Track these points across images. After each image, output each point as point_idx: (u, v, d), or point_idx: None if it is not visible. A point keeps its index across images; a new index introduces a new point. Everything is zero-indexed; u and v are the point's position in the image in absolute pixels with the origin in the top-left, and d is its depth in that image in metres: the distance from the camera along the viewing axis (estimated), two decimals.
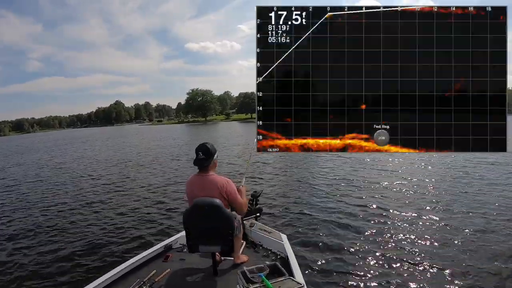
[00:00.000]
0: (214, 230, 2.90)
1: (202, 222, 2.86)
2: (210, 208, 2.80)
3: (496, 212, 6.51)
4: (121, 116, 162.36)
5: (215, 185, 3.00)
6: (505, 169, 10.82)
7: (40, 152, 29.88)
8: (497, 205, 6.95)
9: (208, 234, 2.91)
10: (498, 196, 7.71)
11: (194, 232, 2.90)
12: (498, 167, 11.09)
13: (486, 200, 7.44)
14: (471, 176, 10.03)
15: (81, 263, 5.24)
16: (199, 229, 2.90)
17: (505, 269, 4.28)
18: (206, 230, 2.90)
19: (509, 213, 6.39)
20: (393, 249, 5.06)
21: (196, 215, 2.84)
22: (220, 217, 2.83)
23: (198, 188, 3.00)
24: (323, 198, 8.30)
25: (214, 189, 2.98)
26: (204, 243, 2.92)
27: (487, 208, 6.81)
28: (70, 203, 9.55)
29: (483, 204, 7.10)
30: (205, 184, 3.00)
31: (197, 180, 3.06)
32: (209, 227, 2.88)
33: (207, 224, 2.87)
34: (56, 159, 22.63)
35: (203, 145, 3.04)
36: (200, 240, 2.91)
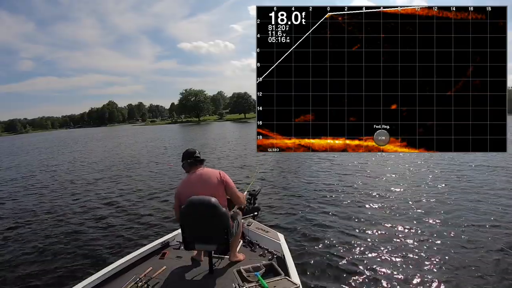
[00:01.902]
0: (209, 229, 2.94)
1: (197, 220, 2.90)
2: (206, 206, 2.83)
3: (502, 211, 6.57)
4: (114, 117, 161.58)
5: (213, 175, 3.12)
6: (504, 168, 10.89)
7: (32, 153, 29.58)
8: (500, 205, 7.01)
9: (204, 233, 2.95)
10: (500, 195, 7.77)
11: (190, 229, 2.92)
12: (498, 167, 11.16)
13: (490, 199, 7.49)
14: (472, 176, 10.09)
15: (78, 259, 5.29)
16: (194, 227, 2.94)
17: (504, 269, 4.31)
18: (202, 229, 2.94)
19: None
20: (391, 249, 5.09)
21: (192, 213, 2.85)
22: (215, 216, 2.87)
23: (198, 186, 3.06)
24: (321, 198, 8.33)
25: (214, 179, 3.09)
26: (200, 241, 2.96)
27: (490, 206, 6.86)
28: (67, 200, 9.59)
29: (486, 203, 7.15)
30: (203, 179, 3.10)
31: (194, 177, 3.13)
32: (205, 225, 2.92)
33: (202, 223, 2.91)
34: (52, 160, 22.37)
35: (188, 150, 3.29)
36: (196, 238, 2.93)
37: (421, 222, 6.22)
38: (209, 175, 3.12)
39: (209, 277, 2.96)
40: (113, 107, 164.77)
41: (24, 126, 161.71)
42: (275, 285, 2.52)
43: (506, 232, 5.56)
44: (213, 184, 3.06)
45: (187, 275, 3.03)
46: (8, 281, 4.68)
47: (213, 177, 3.10)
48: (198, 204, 2.85)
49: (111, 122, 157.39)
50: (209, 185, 3.05)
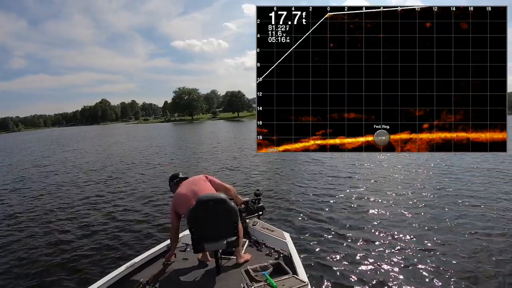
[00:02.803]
0: (220, 225, 2.96)
1: (208, 218, 2.92)
2: (217, 202, 2.87)
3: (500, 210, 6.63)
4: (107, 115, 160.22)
5: (198, 179, 3.34)
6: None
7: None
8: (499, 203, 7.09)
9: (214, 230, 2.97)
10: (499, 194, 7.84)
11: (200, 230, 2.91)
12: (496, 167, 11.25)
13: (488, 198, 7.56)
14: (472, 176, 10.18)
15: (85, 263, 5.26)
16: (205, 226, 2.95)
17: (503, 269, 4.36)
18: (212, 226, 2.95)
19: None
20: (398, 247, 5.13)
21: (202, 212, 2.85)
22: (226, 210, 2.92)
23: (187, 189, 3.22)
24: (326, 196, 8.37)
25: (201, 181, 3.29)
26: (209, 241, 2.94)
27: (489, 208, 6.92)
28: (73, 202, 9.51)
29: (486, 203, 7.22)
30: (193, 185, 3.26)
31: (183, 188, 3.28)
32: (215, 222, 2.94)
33: (213, 219, 2.94)
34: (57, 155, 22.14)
35: (172, 174, 3.57)
36: (206, 238, 2.93)
37: (431, 221, 6.25)
38: (195, 181, 3.30)
39: (217, 277, 2.97)
40: (106, 105, 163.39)
41: (16, 125, 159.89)
42: (283, 284, 2.54)
43: (506, 232, 5.62)
44: (203, 185, 3.22)
45: (195, 276, 3.04)
46: (12, 285, 4.64)
47: (199, 180, 3.30)
48: (208, 200, 2.89)
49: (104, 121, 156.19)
50: (201, 187, 3.19)
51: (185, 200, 3.09)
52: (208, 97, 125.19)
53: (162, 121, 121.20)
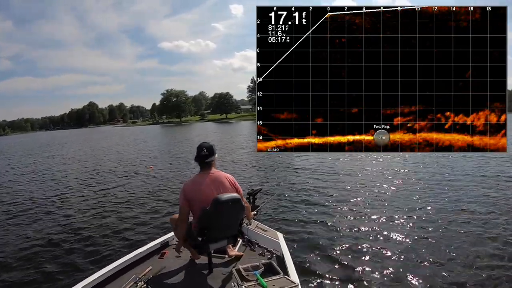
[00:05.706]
0: (231, 225, 2.98)
1: (225, 218, 2.90)
2: (234, 202, 2.84)
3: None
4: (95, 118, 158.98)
5: (225, 179, 3.03)
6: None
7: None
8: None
9: (225, 230, 2.97)
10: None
11: (212, 231, 2.88)
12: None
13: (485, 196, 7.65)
14: (471, 176, 10.29)
15: (77, 259, 5.22)
16: (220, 226, 2.93)
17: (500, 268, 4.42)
18: (226, 226, 2.96)
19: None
20: (391, 249, 5.15)
21: (220, 213, 2.82)
22: (240, 209, 2.91)
23: (209, 187, 2.96)
24: (321, 197, 8.38)
25: (226, 183, 3.02)
26: (215, 241, 2.94)
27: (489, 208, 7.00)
28: (66, 198, 9.48)
29: (485, 204, 7.31)
30: (216, 181, 3.02)
31: (204, 179, 3.01)
32: (230, 221, 2.95)
33: (229, 219, 2.93)
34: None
35: (206, 143, 3.06)
36: (213, 238, 2.93)
37: (426, 222, 6.29)
38: (222, 179, 3.02)
39: (209, 276, 3.00)
40: (93, 108, 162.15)
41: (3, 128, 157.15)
42: (274, 284, 2.55)
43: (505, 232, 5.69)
44: (227, 188, 2.98)
45: (187, 274, 3.07)
46: (4, 281, 4.58)
47: (225, 181, 3.02)
48: (228, 202, 2.81)
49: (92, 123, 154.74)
50: (223, 189, 2.96)
51: (201, 196, 2.89)
52: (196, 99, 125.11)
53: (150, 124, 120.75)
